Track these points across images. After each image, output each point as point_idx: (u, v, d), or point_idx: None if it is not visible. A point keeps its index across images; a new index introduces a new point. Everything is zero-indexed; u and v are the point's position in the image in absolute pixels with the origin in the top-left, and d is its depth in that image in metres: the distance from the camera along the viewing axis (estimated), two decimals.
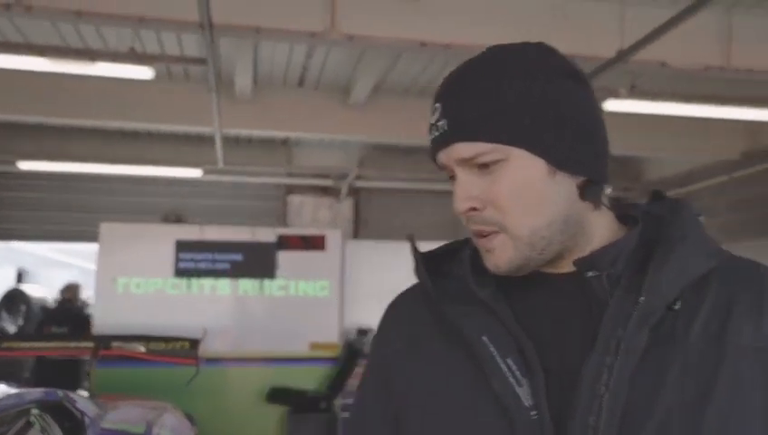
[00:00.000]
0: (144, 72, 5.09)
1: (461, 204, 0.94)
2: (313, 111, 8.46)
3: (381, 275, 8.29)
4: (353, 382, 7.43)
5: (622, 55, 5.19)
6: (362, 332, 8.08)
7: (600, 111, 0.97)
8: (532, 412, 0.86)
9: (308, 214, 11.75)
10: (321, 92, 8.42)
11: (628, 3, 5.52)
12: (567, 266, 0.96)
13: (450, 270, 1.02)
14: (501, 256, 0.93)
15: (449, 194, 1.02)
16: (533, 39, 3.73)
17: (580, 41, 5.75)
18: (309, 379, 7.33)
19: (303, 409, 6.98)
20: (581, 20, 5.74)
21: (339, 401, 7.11)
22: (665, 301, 0.88)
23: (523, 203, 0.90)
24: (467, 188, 0.93)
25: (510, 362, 0.88)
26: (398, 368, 1.01)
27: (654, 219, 0.98)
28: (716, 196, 10.28)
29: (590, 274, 0.92)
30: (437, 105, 0.95)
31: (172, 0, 4.86)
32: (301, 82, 8.19)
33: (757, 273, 0.94)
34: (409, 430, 0.97)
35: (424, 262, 1.02)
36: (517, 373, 0.88)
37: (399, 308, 1.10)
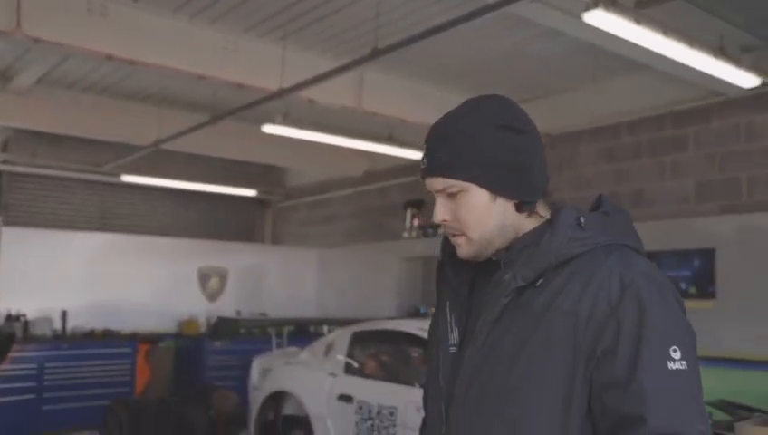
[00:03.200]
0: None
1: (436, 217, 1.42)
2: None
3: (31, 262, 8.38)
4: (5, 367, 7.47)
5: (282, 93, 6.40)
6: (13, 317, 8.08)
7: (528, 153, 1.38)
8: (453, 347, 1.42)
9: None
10: None
11: (289, 48, 6.74)
12: None
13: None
14: (463, 249, 1.41)
15: (99, 184, 1.38)
16: (206, 67, 5.34)
17: (246, 73, 6.83)
18: None
19: None
20: (249, 56, 6.81)
21: None
22: (524, 280, 1.30)
23: (474, 219, 1.36)
24: (441, 208, 1.40)
25: (454, 316, 1.44)
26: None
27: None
28: (344, 205, 12.26)
29: (502, 262, 1.38)
30: (425, 146, 1.42)
31: None
32: None
33: (599, 263, 1.29)
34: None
35: (448, 254, 1.49)
36: (453, 323, 1.44)
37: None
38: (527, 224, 1.39)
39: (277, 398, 6.10)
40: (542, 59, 7.18)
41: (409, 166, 10.28)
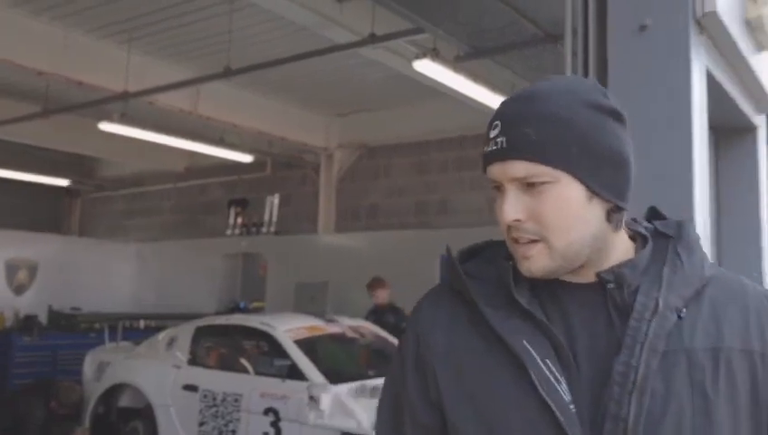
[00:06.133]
0: None
1: (509, 215, 1.04)
2: None
3: None
4: None
5: (126, 96, 6.62)
6: None
7: (630, 147, 1.08)
8: (571, 406, 0.99)
9: None
10: None
11: (133, 51, 6.94)
12: (588, 277, 1.08)
13: (479, 272, 1.12)
14: (537, 262, 1.05)
15: None
16: (47, 63, 5.83)
17: (87, 71, 6.93)
18: None
19: None
20: (91, 55, 6.92)
21: None
22: (677, 311, 1.03)
23: (563, 220, 1.03)
24: (515, 202, 1.04)
25: (549, 362, 1.01)
26: (441, 365, 1.10)
27: (662, 236, 1.13)
28: (163, 199, 12.32)
29: (610, 285, 1.06)
30: (497, 123, 1.06)
31: None
32: None
33: (741, 287, 1.10)
34: (459, 418, 1.08)
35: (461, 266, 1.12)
36: (556, 373, 1.01)
37: (438, 309, 1.15)
38: (617, 241, 1.10)
39: (109, 392, 6.33)
40: (364, 81, 8.02)
41: (231, 165, 10.62)
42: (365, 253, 9.24)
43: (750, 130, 3.10)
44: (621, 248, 1.11)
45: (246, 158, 9.51)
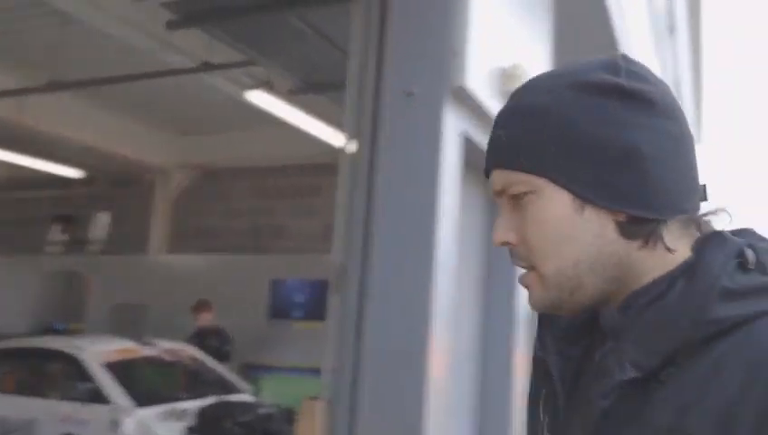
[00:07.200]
0: None
1: (495, 237, 0.86)
2: None
3: None
4: None
5: None
6: None
7: (650, 134, 0.78)
8: None
9: None
10: None
11: None
12: None
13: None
14: (533, 294, 0.85)
15: None
16: None
17: None
18: None
19: None
20: None
21: None
22: (637, 369, 0.74)
23: (547, 241, 0.81)
24: (506, 222, 0.84)
25: (547, 419, 0.87)
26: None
27: None
28: None
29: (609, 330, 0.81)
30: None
31: None
32: None
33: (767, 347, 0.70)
34: None
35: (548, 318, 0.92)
36: (542, 413, 0.89)
37: None
38: (653, 263, 0.81)
39: None
40: (205, 103, 8.04)
41: (59, 179, 10.06)
42: (196, 276, 9.16)
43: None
44: (655, 278, 0.81)
45: (75, 172, 9.18)
